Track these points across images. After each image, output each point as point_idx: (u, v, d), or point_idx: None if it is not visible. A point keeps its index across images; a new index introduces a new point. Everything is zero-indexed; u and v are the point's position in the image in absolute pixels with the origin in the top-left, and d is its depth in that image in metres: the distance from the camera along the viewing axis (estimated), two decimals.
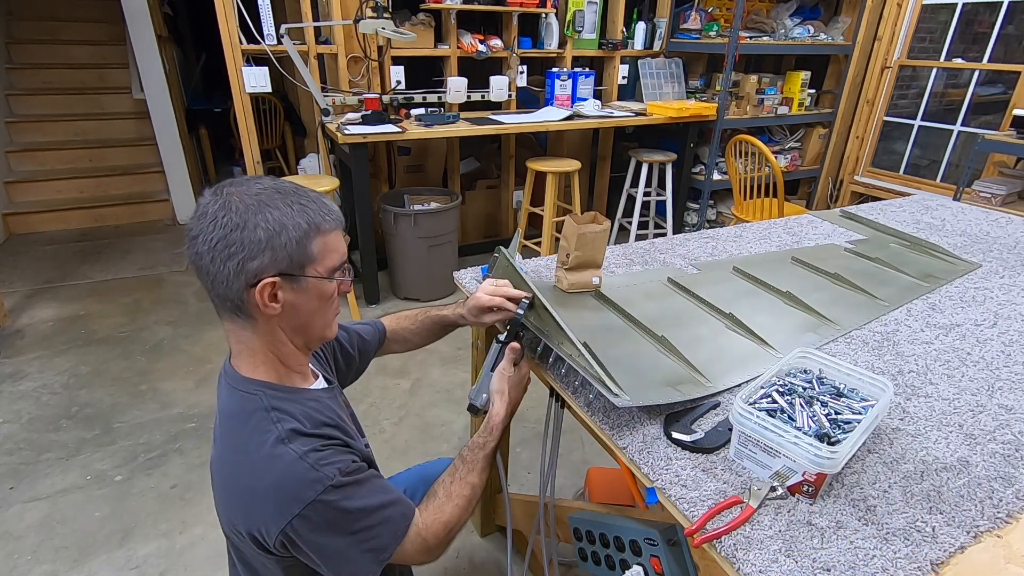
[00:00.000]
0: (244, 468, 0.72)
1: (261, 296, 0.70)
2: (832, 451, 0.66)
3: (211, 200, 0.70)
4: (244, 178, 0.74)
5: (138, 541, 1.64)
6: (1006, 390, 0.94)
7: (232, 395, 0.76)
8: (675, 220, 3.77)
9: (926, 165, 3.89)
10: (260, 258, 0.69)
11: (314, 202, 0.73)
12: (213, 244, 0.68)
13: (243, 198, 0.69)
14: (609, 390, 0.84)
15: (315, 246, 0.72)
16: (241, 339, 0.76)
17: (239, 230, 0.68)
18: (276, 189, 0.72)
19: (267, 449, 0.70)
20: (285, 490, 0.69)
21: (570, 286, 1.19)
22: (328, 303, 0.78)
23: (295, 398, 0.77)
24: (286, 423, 0.73)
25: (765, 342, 1.07)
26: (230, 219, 0.68)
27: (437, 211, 2.95)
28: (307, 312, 0.75)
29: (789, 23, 3.68)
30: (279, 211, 0.70)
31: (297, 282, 0.72)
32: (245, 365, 0.77)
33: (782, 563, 0.63)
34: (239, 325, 0.75)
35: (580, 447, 2.01)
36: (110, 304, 3.00)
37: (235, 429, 0.74)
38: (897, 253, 1.51)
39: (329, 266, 0.75)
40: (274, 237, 0.69)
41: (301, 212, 0.71)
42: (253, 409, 0.74)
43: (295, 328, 0.77)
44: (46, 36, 4.60)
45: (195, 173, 4.50)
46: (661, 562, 0.91)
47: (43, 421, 2.11)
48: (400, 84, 3.13)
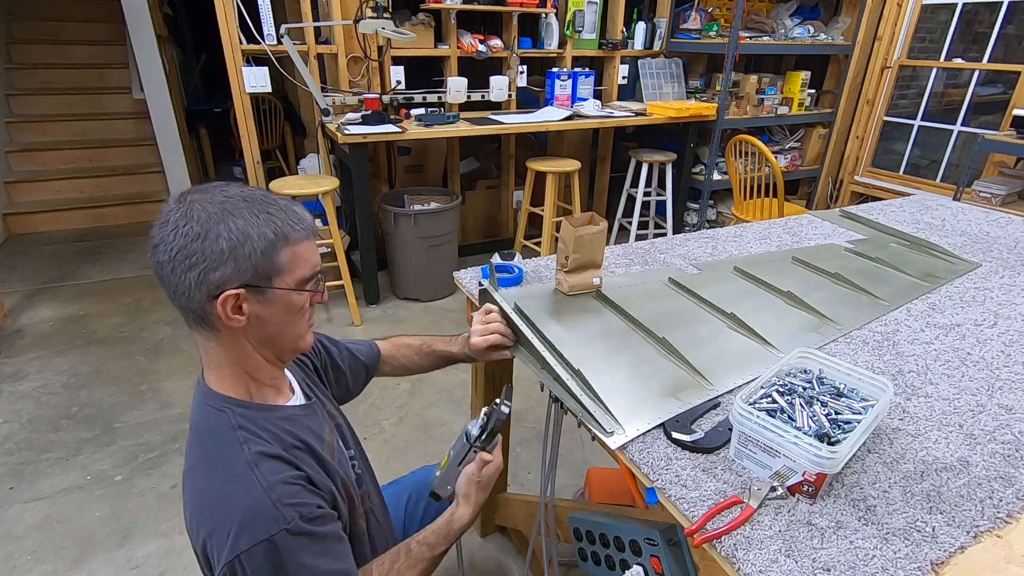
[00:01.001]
0: (211, 488, 0.69)
1: (224, 308, 0.67)
2: (832, 451, 0.66)
3: (174, 207, 0.67)
4: (210, 185, 0.70)
5: (138, 541, 1.64)
6: (1006, 390, 0.94)
7: (201, 409, 0.74)
8: (675, 220, 3.77)
9: (926, 165, 3.89)
10: (222, 269, 0.66)
11: (283, 211, 0.70)
12: (174, 254, 0.65)
13: (206, 206, 0.66)
14: (602, 428, 0.84)
15: (283, 256, 0.69)
16: (208, 351, 0.73)
17: (200, 240, 0.65)
18: (243, 197, 0.69)
19: (234, 473, 0.68)
20: (243, 522, 0.65)
21: (570, 288, 1.19)
22: (298, 315, 0.74)
23: (265, 417, 0.74)
24: (253, 445, 0.70)
25: (767, 342, 1.07)
26: (191, 228, 0.65)
27: (437, 211, 2.95)
28: (275, 324, 0.72)
29: (789, 23, 3.68)
30: (244, 220, 0.67)
31: (263, 294, 0.69)
32: (214, 378, 0.74)
33: (782, 563, 0.63)
34: (205, 337, 0.72)
35: (580, 447, 2.01)
36: (110, 304, 3.00)
37: (203, 445, 0.72)
38: (897, 253, 1.51)
39: (299, 277, 0.72)
40: (237, 248, 0.66)
41: (268, 221, 0.68)
42: (220, 427, 0.71)
43: (263, 341, 0.74)
44: (46, 36, 4.61)
45: (195, 173, 4.51)
46: (661, 562, 0.91)
47: (43, 421, 2.11)
48: (400, 84, 3.13)
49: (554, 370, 0.95)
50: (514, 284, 1.25)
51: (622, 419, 0.85)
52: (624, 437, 0.82)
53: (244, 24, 2.72)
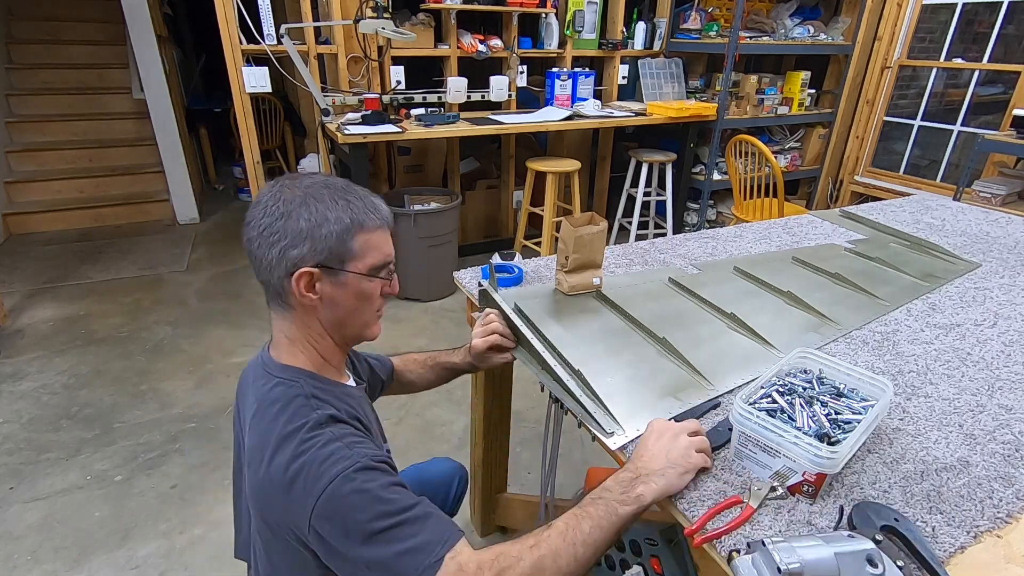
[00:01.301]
0: (284, 453, 0.68)
1: (298, 284, 0.72)
2: (832, 451, 0.66)
3: (267, 191, 0.74)
4: (299, 173, 0.77)
5: (138, 541, 1.64)
6: (1006, 390, 0.94)
7: (270, 383, 0.76)
8: (675, 220, 3.77)
9: (926, 165, 3.89)
10: (300, 247, 0.71)
11: (361, 200, 0.75)
12: (261, 230, 0.72)
13: (293, 191, 0.73)
14: (602, 429, 0.84)
15: (356, 242, 0.74)
16: (282, 328, 0.78)
17: (284, 219, 0.71)
18: (325, 184, 0.75)
19: (304, 432, 0.70)
20: (316, 467, 0.66)
21: (570, 288, 1.19)
22: (368, 302, 0.78)
23: (333, 390, 0.78)
24: (324, 410, 0.73)
25: (767, 342, 1.07)
26: (278, 208, 0.72)
27: (437, 211, 2.95)
28: (345, 308, 0.77)
29: (789, 23, 3.68)
30: (324, 205, 0.72)
31: (336, 275, 0.74)
32: (285, 353, 0.78)
33: None
34: (280, 314, 0.77)
35: (580, 447, 2.01)
36: (110, 304, 3.00)
37: (276, 416, 0.72)
38: (897, 253, 1.51)
39: (370, 264, 0.76)
40: (315, 228, 0.71)
41: (345, 208, 0.73)
42: (294, 395, 0.74)
43: (333, 323, 0.78)
44: (46, 36, 4.60)
45: (195, 173, 4.51)
46: (661, 562, 0.92)
47: (43, 421, 2.11)
48: (400, 84, 3.13)
49: (554, 371, 0.95)
50: (514, 284, 1.25)
51: (622, 419, 0.85)
52: (624, 438, 0.82)
53: (244, 24, 2.72)
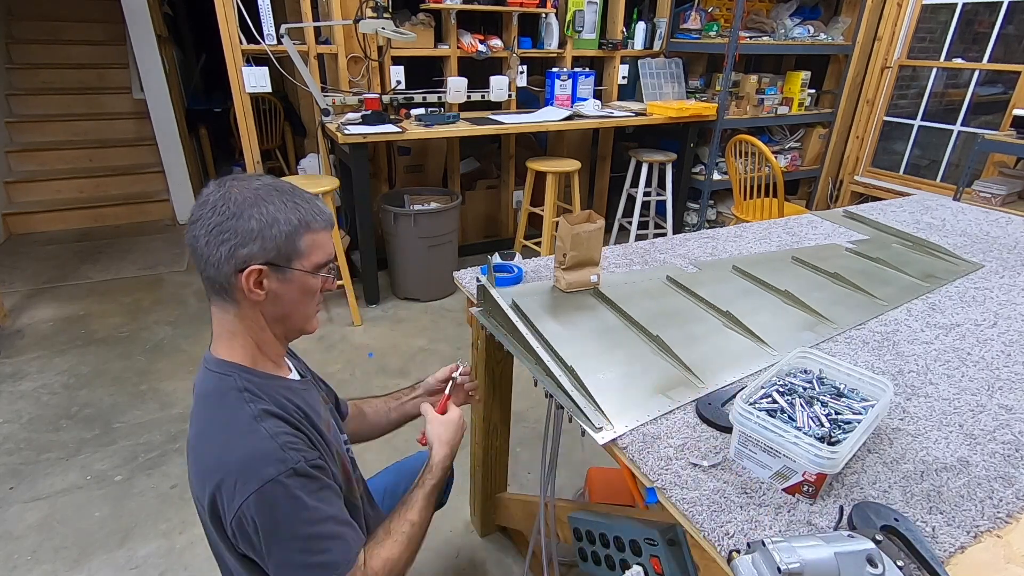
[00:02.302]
0: (216, 443, 0.74)
1: (247, 281, 0.74)
2: (832, 451, 0.66)
3: (213, 190, 0.75)
4: (246, 174, 0.79)
5: (138, 541, 1.64)
6: (1006, 390, 0.94)
7: (207, 376, 0.79)
8: (675, 220, 3.77)
9: (926, 165, 3.89)
10: (250, 246, 0.73)
11: (307, 202, 0.79)
12: (210, 229, 0.73)
13: (243, 191, 0.75)
14: (591, 424, 0.85)
15: (303, 242, 0.77)
16: (223, 322, 0.80)
17: (234, 219, 0.73)
18: (274, 187, 0.77)
19: (239, 426, 0.73)
20: (250, 465, 0.70)
21: (568, 285, 1.20)
22: (310, 297, 0.81)
23: (268, 383, 0.80)
24: (258, 403, 0.75)
25: (761, 340, 1.07)
26: (228, 208, 0.73)
27: (437, 211, 2.95)
28: (289, 302, 0.79)
29: (789, 23, 3.68)
30: (274, 206, 0.75)
31: (282, 273, 0.77)
32: (223, 348, 0.80)
33: None
34: (223, 308, 0.79)
35: (580, 447, 2.01)
36: (110, 304, 3.00)
37: (209, 408, 0.77)
38: (899, 253, 1.51)
39: (315, 262, 0.79)
40: (265, 228, 0.74)
41: (294, 209, 0.76)
42: (226, 389, 0.77)
43: (276, 317, 0.80)
44: (46, 36, 4.60)
45: (195, 173, 4.50)
46: (661, 562, 0.91)
47: (43, 421, 2.11)
48: (400, 84, 3.13)
49: (547, 366, 0.95)
50: (514, 283, 1.26)
51: (612, 416, 0.86)
52: (612, 433, 0.83)
53: (244, 24, 2.72)
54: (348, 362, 2.53)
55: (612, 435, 0.83)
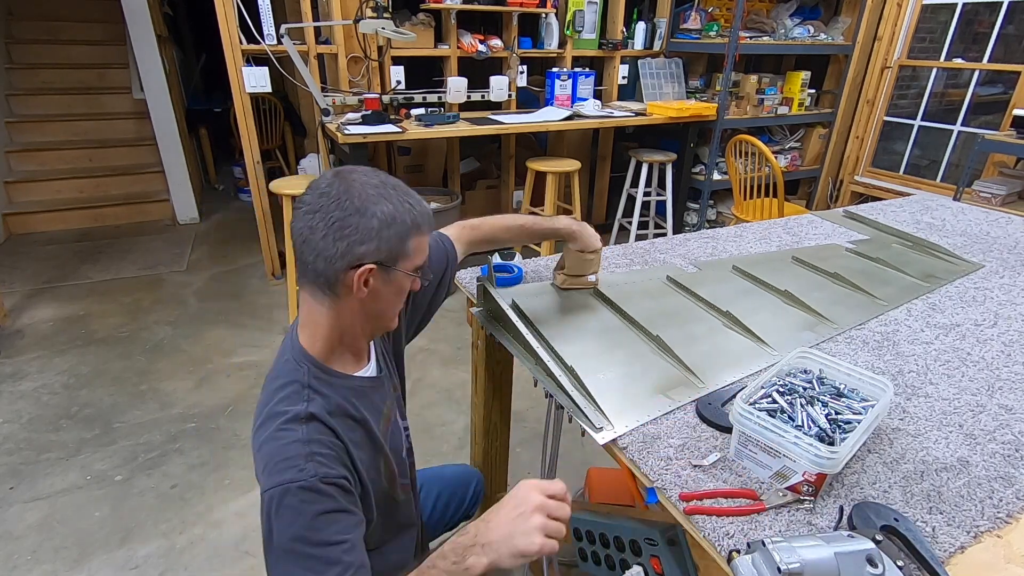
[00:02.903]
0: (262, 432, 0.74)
1: (359, 279, 0.73)
2: (832, 451, 0.66)
3: (333, 181, 0.73)
4: (361, 168, 0.77)
5: (138, 541, 1.64)
6: (1006, 390, 0.94)
7: (286, 361, 0.79)
8: (675, 220, 3.77)
9: (926, 165, 3.89)
10: (368, 244, 0.73)
11: (419, 204, 0.78)
12: (331, 223, 0.71)
13: (364, 187, 0.73)
14: (591, 424, 0.85)
15: (412, 244, 0.77)
16: (313, 311, 0.79)
17: (358, 215, 0.72)
18: (392, 185, 0.76)
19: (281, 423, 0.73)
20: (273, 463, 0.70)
21: (563, 281, 1.22)
22: (401, 297, 0.82)
23: (335, 382, 0.80)
24: (314, 403, 0.75)
25: (761, 340, 1.07)
26: (351, 203, 0.72)
27: (437, 211, 2.95)
28: (384, 302, 0.79)
29: (789, 23, 3.68)
30: (392, 206, 0.74)
31: (388, 273, 0.76)
32: (306, 335, 0.80)
33: None
34: (318, 299, 0.77)
35: (580, 447, 2.01)
36: (110, 304, 3.00)
37: (274, 392, 0.77)
38: (899, 253, 1.51)
39: (416, 264, 0.79)
40: (384, 228, 0.73)
41: (409, 211, 0.76)
42: (295, 378, 0.77)
43: (368, 314, 0.80)
44: (46, 36, 4.60)
45: (195, 173, 4.51)
46: (661, 562, 0.92)
47: (43, 421, 2.11)
48: (400, 84, 3.13)
49: (547, 366, 0.95)
50: (514, 283, 1.26)
51: (612, 416, 0.86)
52: (612, 433, 0.83)
53: (244, 24, 2.72)
54: None
55: (612, 435, 0.83)
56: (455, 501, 1.25)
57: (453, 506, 1.25)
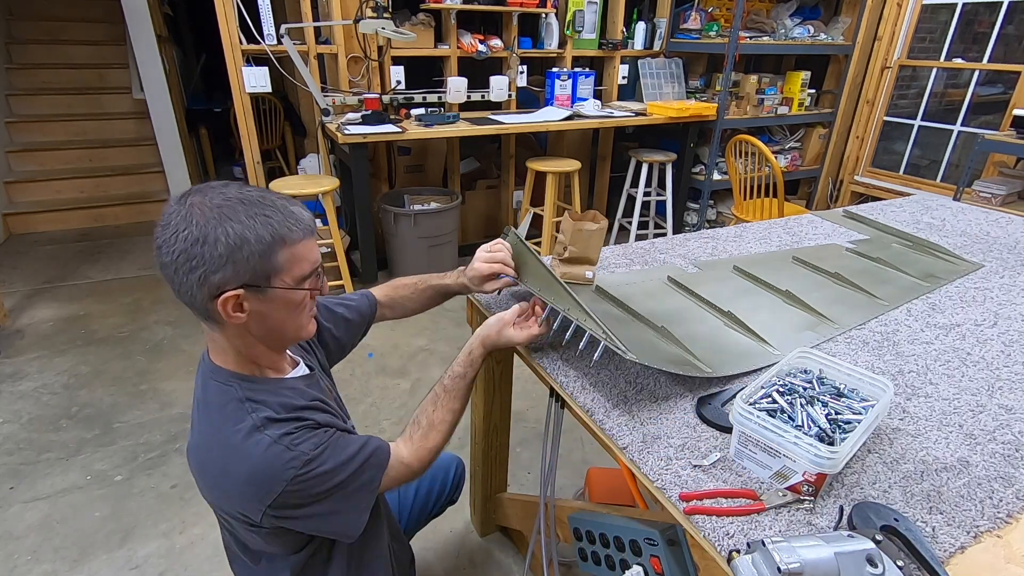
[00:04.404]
0: (218, 455, 0.73)
1: (224, 308, 0.70)
2: (832, 451, 0.66)
3: (175, 209, 0.69)
4: (209, 185, 0.72)
5: (138, 541, 1.64)
6: (1006, 390, 0.94)
7: (207, 385, 0.77)
8: (675, 220, 3.77)
9: (926, 165, 3.89)
10: (222, 272, 0.68)
11: (280, 212, 0.71)
12: (175, 256, 0.67)
13: (204, 210, 0.68)
14: (619, 347, 0.85)
15: (280, 257, 0.71)
16: (213, 338, 0.78)
17: (200, 244, 0.67)
18: (240, 200, 0.69)
19: (241, 437, 0.72)
20: (263, 474, 0.71)
21: (561, 276, 1.21)
22: (298, 309, 0.77)
23: (270, 388, 0.79)
24: (260, 412, 0.74)
25: (763, 339, 1.07)
26: (190, 232, 0.67)
27: (437, 211, 2.95)
28: (276, 319, 0.75)
29: (789, 23, 3.68)
30: (240, 224, 0.68)
31: (263, 293, 0.72)
32: (219, 359, 0.78)
33: None
34: (210, 327, 0.76)
35: (580, 447, 2.01)
36: (110, 304, 3.00)
37: (210, 417, 0.75)
38: (899, 253, 1.51)
39: (297, 275, 0.74)
40: (235, 251, 0.67)
41: (265, 224, 0.69)
42: (227, 400, 0.75)
43: (264, 333, 0.76)
44: (46, 36, 4.60)
45: (195, 173, 4.50)
46: (661, 562, 0.91)
47: (43, 421, 2.11)
48: (400, 84, 3.13)
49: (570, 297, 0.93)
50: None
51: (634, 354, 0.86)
52: (638, 360, 0.85)
53: (244, 24, 2.72)
54: (348, 361, 2.52)
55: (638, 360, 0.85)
56: (436, 487, 1.27)
57: (436, 492, 1.27)
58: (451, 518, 1.73)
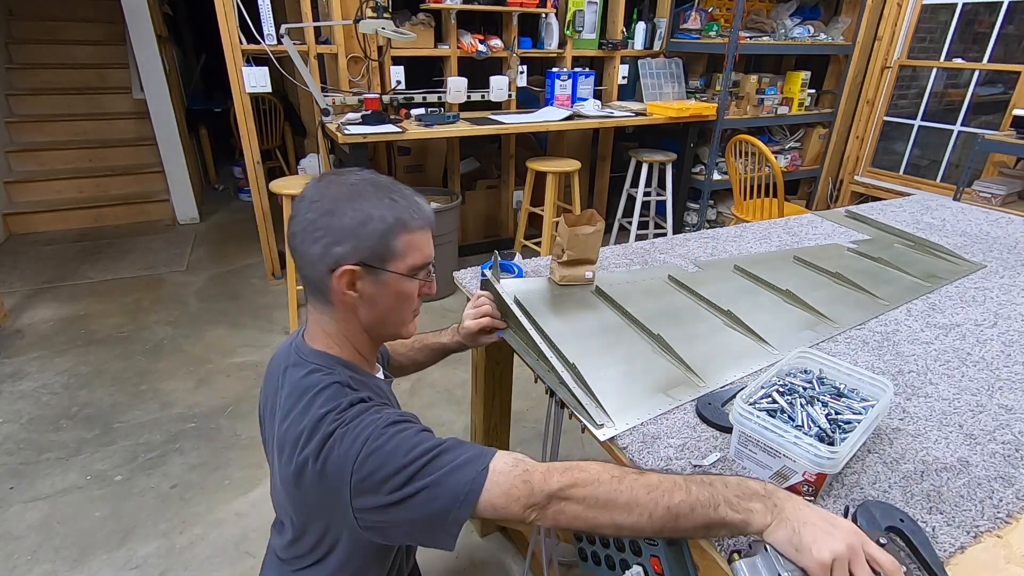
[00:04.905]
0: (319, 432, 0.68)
1: (339, 282, 0.72)
2: (832, 451, 0.66)
3: (312, 185, 0.74)
4: (346, 169, 0.77)
5: (138, 541, 1.64)
6: (1006, 390, 0.94)
7: (305, 369, 0.75)
8: (675, 220, 3.77)
9: (926, 165, 3.89)
10: (344, 244, 0.71)
11: (406, 199, 0.75)
12: (304, 226, 0.72)
13: (340, 187, 0.73)
14: (592, 420, 0.85)
15: (399, 242, 0.74)
16: (319, 321, 0.79)
17: (328, 215, 0.71)
18: (371, 182, 0.74)
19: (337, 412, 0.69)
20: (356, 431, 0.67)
21: (561, 278, 1.22)
22: (406, 301, 0.79)
23: (366, 381, 0.79)
24: (359, 394, 0.74)
25: (762, 339, 1.07)
26: (322, 204, 0.71)
27: (437, 211, 2.95)
28: (384, 306, 0.77)
29: (789, 23, 3.68)
30: (369, 203, 0.72)
31: (376, 275, 0.74)
32: (321, 342, 0.79)
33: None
34: (319, 308, 0.77)
35: (580, 447, 2.01)
36: (110, 304, 3.00)
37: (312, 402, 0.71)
38: (901, 253, 1.51)
39: (411, 264, 0.76)
40: (359, 227, 0.71)
41: (390, 207, 0.73)
42: (330, 382, 0.73)
43: (370, 320, 0.78)
44: (46, 36, 4.60)
45: (195, 173, 4.50)
46: (661, 562, 0.91)
47: (43, 421, 2.11)
48: (400, 84, 3.13)
49: (550, 361, 0.95)
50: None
51: (613, 414, 0.86)
52: (613, 430, 0.84)
53: (244, 24, 2.72)
54: None
55: (613, 432, 0.83)
56: None
57: None
58: None
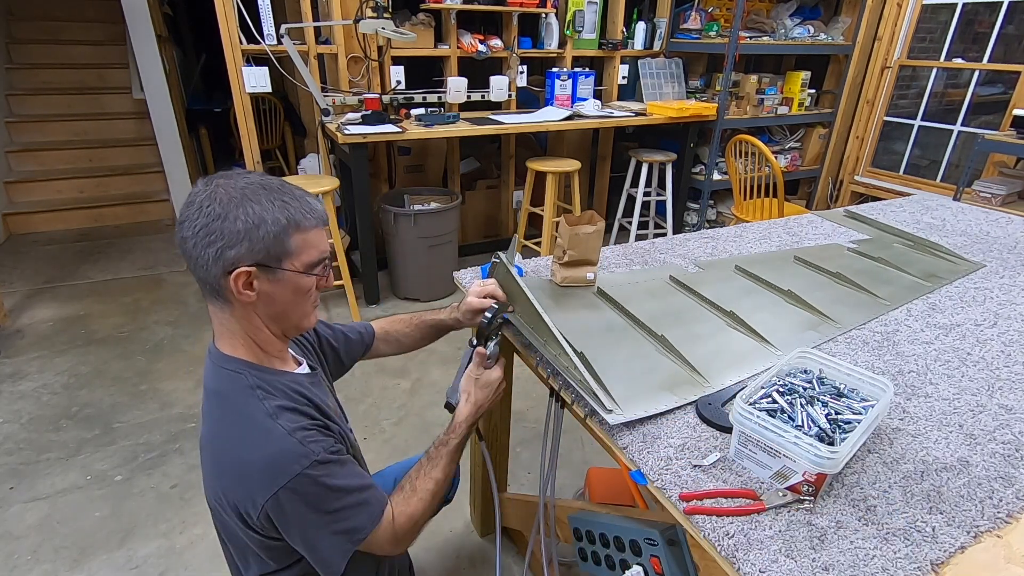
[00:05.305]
0: (234, 442, 0.75)
1: (236, 283, 0.74)
2: (832, 451, 0.66)
3: (200, 189, 0.74)
4: (234, 171, 0.77)
5: (138, 541, 1.64)
6: (1006, 390, 0.94)
7: (217, 373, 0.80)
8: (675, 220, 3.77)
9: (926, 165, 3.89)
10: (237, 248, 0.72)
11: (297, 200, 0.77)
12: (196, 231, 0.72)
13: (229, 190, 0.73)
14: (602, 404, 0.85)
15: (293, 241, 0.76)
16: (222, 321, 0.80)
17: (220, 220, 0.72)
18: (262, 185, 0.75)
19: (257, 423, 0.74)
20: (275, 463, 0.72)
21: (563, 280, 1.22)
22: (304, 296, 0.81)
23: (277, 379, 0.81)
24: (272, 400, 0.77)
25: (765, 340, 1.07)
26: (213, 209, 0.72)
27: (437, 211, 2.95)
28: (282, 303, 0.79)
29: (789, 23, 3.68)
30: (260, 206, 0.73)
31: (273, 273, 0.76)
32: (226, 345, 0.81)
33: (782, 563, 0.63)
34: (219, 308, 0.79)
35: (580, 447, 2.01)
36: (110, 304, 3.00)
37: (221, 406, 0.78)
38: (901, 253, 1.51)
39: (306, 261, 0.78)
40: (252, 229, 0.72)
41: (282, 208, 0.75)
42: (238, 387, 0.77)
43: (271, 316, 0.80)
44: (46, 36, 4.60)
45: (195, 173, 4.49)
46: (661, 562, 0.91)
47: (43, 421, 2.11)
48: (400, 84, 3.13)
49: (558, 343, 0.95)
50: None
51: (621, 402, 0.86)
52: (622, 416, 0.83)
53: (244, 24, 2.72)
54: None
55: (622, 418, 0.83)
56: None
57: None
58: (451, 518, 1.73)
